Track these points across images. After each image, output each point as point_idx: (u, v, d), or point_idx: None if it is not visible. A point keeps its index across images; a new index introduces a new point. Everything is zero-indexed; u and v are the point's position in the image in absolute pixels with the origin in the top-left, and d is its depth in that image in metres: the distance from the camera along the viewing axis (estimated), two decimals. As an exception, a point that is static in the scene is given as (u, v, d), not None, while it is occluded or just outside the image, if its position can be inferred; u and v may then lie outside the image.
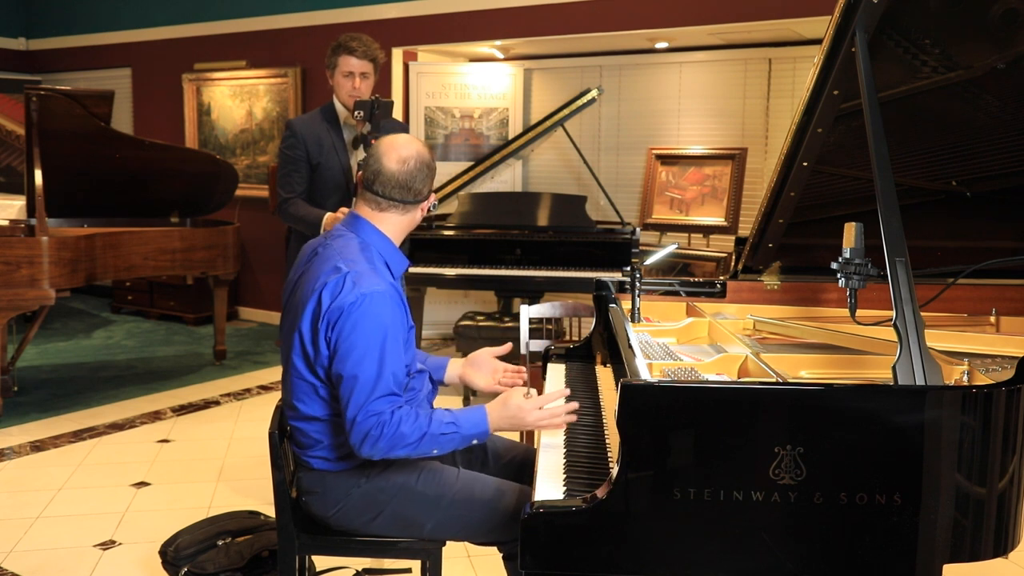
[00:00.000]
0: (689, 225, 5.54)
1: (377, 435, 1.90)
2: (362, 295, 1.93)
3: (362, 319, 1.92)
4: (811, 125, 2.36)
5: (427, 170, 2.10)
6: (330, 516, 2.11)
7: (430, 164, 2.11)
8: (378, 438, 1.90)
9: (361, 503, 2.08)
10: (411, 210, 2.11)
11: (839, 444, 1.54)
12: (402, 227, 2.13)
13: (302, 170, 3.38)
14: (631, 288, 2.58)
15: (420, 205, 2.12)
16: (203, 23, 7.32)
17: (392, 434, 1.90)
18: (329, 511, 2.10)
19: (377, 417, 1.90)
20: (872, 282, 1.83)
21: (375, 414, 1.91)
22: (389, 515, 2.07)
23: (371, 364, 1.92)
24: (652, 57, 5.93)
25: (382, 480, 2.08)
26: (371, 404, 1.91)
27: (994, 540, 1.58)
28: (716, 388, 1.64)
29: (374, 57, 3.39)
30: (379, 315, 1.94)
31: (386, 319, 1.95)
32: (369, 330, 1.93)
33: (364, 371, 1.92)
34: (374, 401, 1.91)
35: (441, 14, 6.07)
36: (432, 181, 2.14)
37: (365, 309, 1.93)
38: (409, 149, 2.08)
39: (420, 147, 2.11)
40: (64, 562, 3.06)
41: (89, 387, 5.29)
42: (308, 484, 2.14)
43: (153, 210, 5.66)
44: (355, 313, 1.93)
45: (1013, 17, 2.06)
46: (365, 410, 1.91)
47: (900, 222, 1.77)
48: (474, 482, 2.11)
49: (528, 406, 1.97)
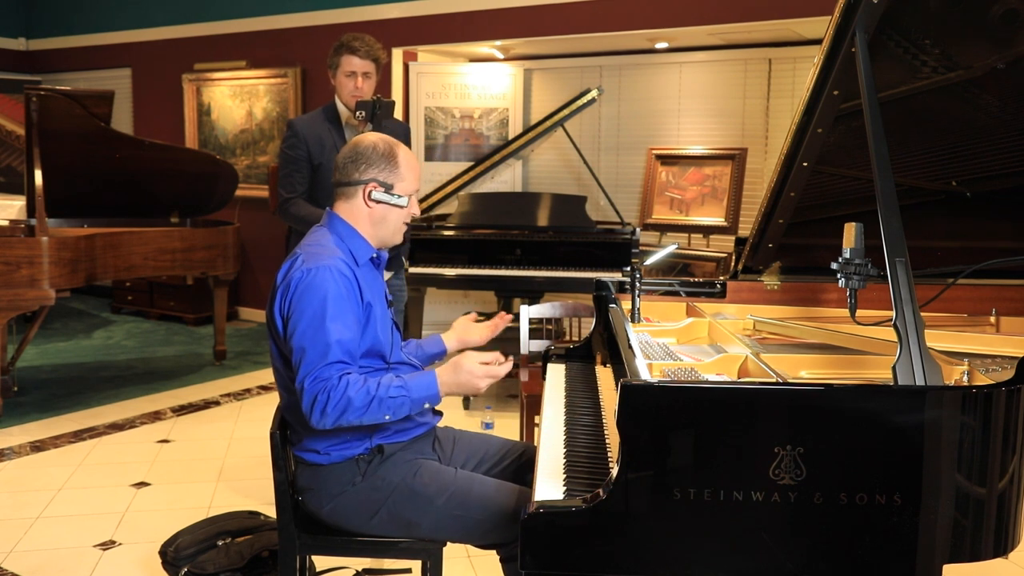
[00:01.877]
0: (689, 225, 5.54)
1: (324, 400, 1.92)
2: (307, 269, 2.02)
3: (307, 291, 2.00)
4: (811, 125, 2.36)
5: (356, 154, 2.13)
6: (324, 512, 2.11)
7: (363, 150, 2.13)
8: (325, 403, 1.92)
9: (357, 501, 2.09)
10: (350, 195, 2.14)
11: (839, 444, 1.54)
12: (355, 215, 2.15)
13: (303, 170, 3.38)
14: (631, 288, 2.58)
15: (355, 188, 2.12)
16: (203, 23, 7.32)
17: (339, 398, 1.92)
18: (324, 506, 2.10)
19: (324, 383, 1.93)
20: (872, 282, 1.83)
21: (322, 380, 1.94)
22: (386, 515, 2.08)
23: (315, 332, 1.97)
24: (652, 57, 5.93)
25: (378, 479, 2.08)
26: (318, 371, 1.95)
27: (994, 540, 1.58)
28: (716, 388, 1.64)
29: (376, 57, 3.40)
30: (322, 286, 1.99)
31: (329, 290, 1.99)
32: (313, 300, 1.99)
33: (309, 339, 1.97)
34: (321, 368, 1.95)
35: (441, 14, 6.07)
36: (375, 168, 2.12)
37: (309, 281, 2.00)
38: (354, 138, 2.18)
39: (364, 136, 2.17)
40: (64, 562, 3.06)
41: (89, 387, 5.29)
42: (303, 481, 2.15)
43: (153, 210, 5.66)
44: (300, 286, 2.01)
45: (1013, 17, 2.06)
46: (312, 376, 1.94)
47: (900, 222, 1.77)
48: (472, 482, 2.11)
49: (479, 372, 2.00)
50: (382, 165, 2.13)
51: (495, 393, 5.31)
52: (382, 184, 2.13)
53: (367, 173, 2.12)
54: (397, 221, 2.18)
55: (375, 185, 2.13)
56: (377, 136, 2.17)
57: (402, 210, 2.17)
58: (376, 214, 2.15)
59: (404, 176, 2.15)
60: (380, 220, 2.16)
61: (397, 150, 2.15)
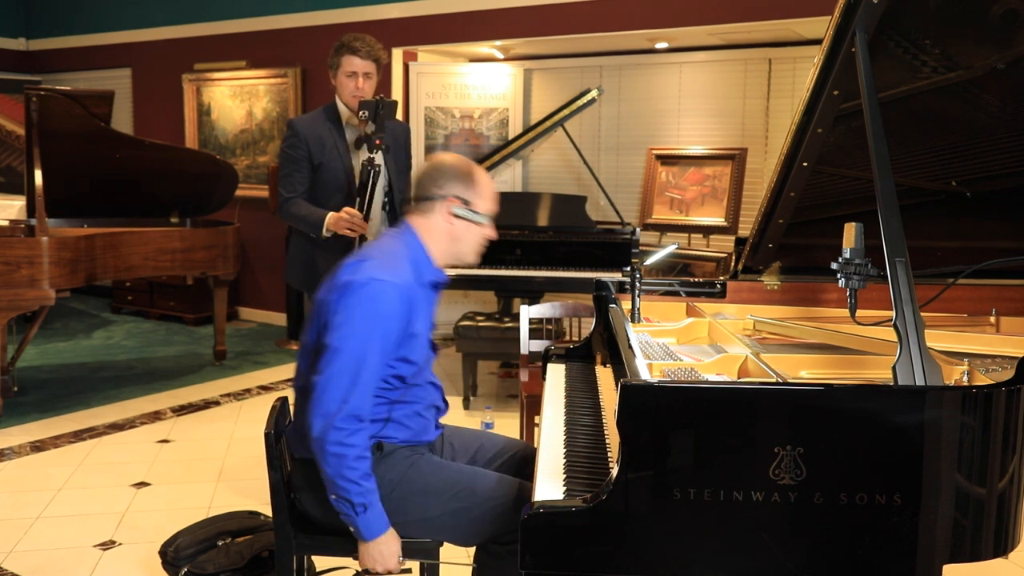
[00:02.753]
0: (689, 225, 5.54)
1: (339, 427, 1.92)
2: (371, 278, 1.99)
3: (363, 299, 1.97)
4: (811, 125, 2.36)
5: (435, 171, 2.13)
6: (321, 512, 2.09)
7: (443, 167, 2.13)
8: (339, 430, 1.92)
9: None
10: (428, 210, 2.12)
11: (839, 444, 1.54)
12: (431, 231, 2.13)
13: (303, 170, 3.37)
14: (631, 288, 2.58)
15: (433, 203, 2.11)
16: (203, 23, 7.32)
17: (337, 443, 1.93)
18: (321, 507, 2.08)
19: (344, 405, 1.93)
20: (872, 282, 1.83)
21: (347, 402, 1.94)
22: (388, 512, 2.06)
23: (357, 343, 1.96)
24: (652, 57, 5.93)
25: (377, 476, 2.06)
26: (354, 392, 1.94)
27: (994, 540, 1.58)
28: (716, 388, 1.64)
29: (377, 57, 3.40)
30: (380, 301, 1.98)
31: (384, 309, 1.98)
32: (366, 310, 1.97)
33: (348, 347, 1.96)
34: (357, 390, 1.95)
35: (441, 14, 6.07)
36: (455, 184, 2.11)
37: (370, 290, 1.98)
38: (432, 156, 2.22)
39: (443, 155, 2.20)
40: (64, 562, 3.06)
41: (89, 387, 5.29)
42: (301, 480, 2.14)
43: (153, 210, 5.66)
44: (359, 292, 1.98)
45: (1013, 17, 2.06)
46: (343, 391, 1.94)
47: (900, 222, 1.77)
48: (475, 475, 2.12)
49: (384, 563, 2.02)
50: (463, 182, 2.13)
51: (495, 393, 5.31)
52: (462, 200, 2.12)
53: (447, 188, 2.12)
54: (475, 240, 2.17)
55: (455, 200, 2.12)
56: (456, 157, 2.19)
57: (480, 229, 2.16)
58: (456, 230, 2.14)
59: (483, 195, 2.15)
60: (459, 237, 2.15)
61: (475, 170, 2.17)
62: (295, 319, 6.58)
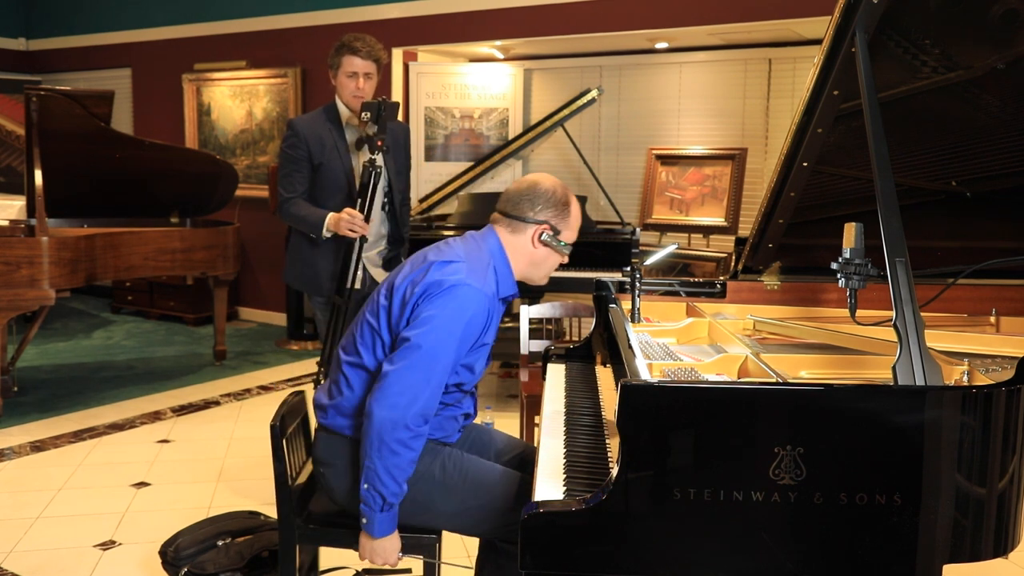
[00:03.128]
0: (689, 225, 5.54)
1: (407, 426, 1.93)
2: (464, 283, 2.00)
3: (452, 301, 1.99)
4: (811, 125, 2.36)
5: (534, 194, 2.13)
6: (343, 490, 2.11)
7: (543, 192, 2.13)
8: (406, 429, 1.93)
9: None
10: (517, 228, 2.14)
11: (839, 444, 1.54)
12: (516, 248, 2.15)
13: (304, 170, 3.37)
14: (631, 288, 2.58)
15: (525, 225, 2.12)
16: (203, 23, 7.32)
17: (400, 442, 1.94)
18: (345, 484, 2.10)
19: (415, 405, 1.94)
20: (872, 282, 1.83)
21: (420, 402, 1.95)
22: (408, 500, 2.06)
23: (437, 343, 1.96)
24: (652, 57, 5.93)
25: None
26: (425, 388, 1.95)
27: (994, 540, 1.58)
28: (716, 388, 1.64)
29: (378, 58, 3.40)
30: (467, 307, 1.99)
31: (469, 315, 2.00)
32: (453, 313, 1.98)
33: (428, 345, 1.96)
34: (427, 388, 1.96)
35: (441, 14, 6.07)
36: (550, 211, 2.12)
37: (460, 294, 1.99)
38: (532, 176, 2.18)
39: (544, 177, 2.18)
40: (64, 562, 3.06)
41: (89, 387, 5.29)
42: (326, 454, 2.14)
43: (153, 210, 5.66)
44: (449, 294, 1.99)
45: (1013, 17, 2.06)
46: (418, 388, 1.95)
47: (900, 222, 1.77)
48: (495, 470, 2.15)
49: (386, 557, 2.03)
50: (557, 210, 2.14)
51: (495, 393, 5.31)
52: (553, 228, 2.14)
53: (542, 214, 2.13)
54: (552, 266, 2.20)
55: (547, 228, 2.13)
56: (556, 181, 2.19)
57: (559, 258, 2.18)
58: (538, 256, 2.16)
59: (572, 226, 2.17)
60: (540, 262, 2.17)
61: (570, 198, 2.17)
62: (295, 319, 6.58)
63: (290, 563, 2.18)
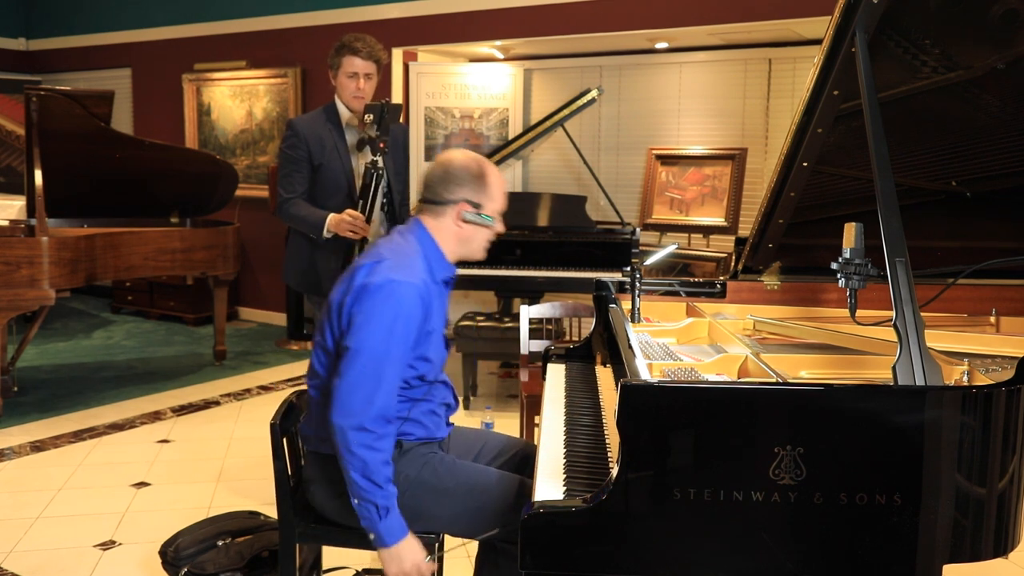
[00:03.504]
0: (689, 225, 5.54)
1: (366, 428, 1.94)
2: (389, 280, 2.00)
3: (381, 300, 1.98)
4: (811, 125, 2.36)
5: (446, 173, 2.11)
6: (334, 505, 2.11)
7: (455, 170, 2.11)
8: (366, 432, 1.94)
9: None
10: (439, 212, 2.13)
11: (839, 444, 1.54)
12: (442, 232, 2.14)
13: (303, 170, 3.37)
14: (631, 288, 2.58)
15: (444, 207, 2.11)
16: (203, 23, 7.32)
17: (378, 449, 1.94)
18: (335, 499, 2.10)
19: (370, 407, 1.95)
20: (872, 282, 1.83)
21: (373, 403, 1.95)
22: (402, 508, 2.06)
23: (377, 344, 1.97)
24: (652, 57, 5.93)
25: (394, 473, 2.07)
26: (376, 390, 1.95)
27: (994, 540, 1.58)
28: (716, 388, 1.64)
29: (378, 58, 3.39)
30: (398, 302, 1.99)
31: (403, 309, 2.00)
32: (384, 311, 1.98)
33: (368, 348, 1.97)
34: (379, 389, 1.96)
35: (441, 14, 6.07)
36: (466, 188, 2.10)
37: (388, 291, 1.99)
38: (444, 155, 2.16)
39: (455, 154, 2.15)
40: (64, 562, 3.06)
41: (89, 387, 5.29)
42: (315, 471, 2.14)
43: (153, 210, 5.66)
44: (378, 294, 1.99)
45: (1013, 17, 2.06)
46: (367, 390, 1.95)
47: (900, 222, 1.77)
48: (488, 473, 2.14)
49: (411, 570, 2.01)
50: (473, 185, 2.11)
51: (495, 393, 5.31)
52: (472, 204, 2.12)
53: (457, 193, 2.11)
54: (483, 240, 2.18)
55: (466, 205, 2.12)
56: (467, 155, 2.16)
57: (489, 229, 2.17)
58: (464, 234, 2.15)
59: (494, 196, 2.15)
60: (467, 239, 2.16)
61: (487, 169, 2.15)
62: (295, 319, 6.58)
63: (290, 563, 2.18)
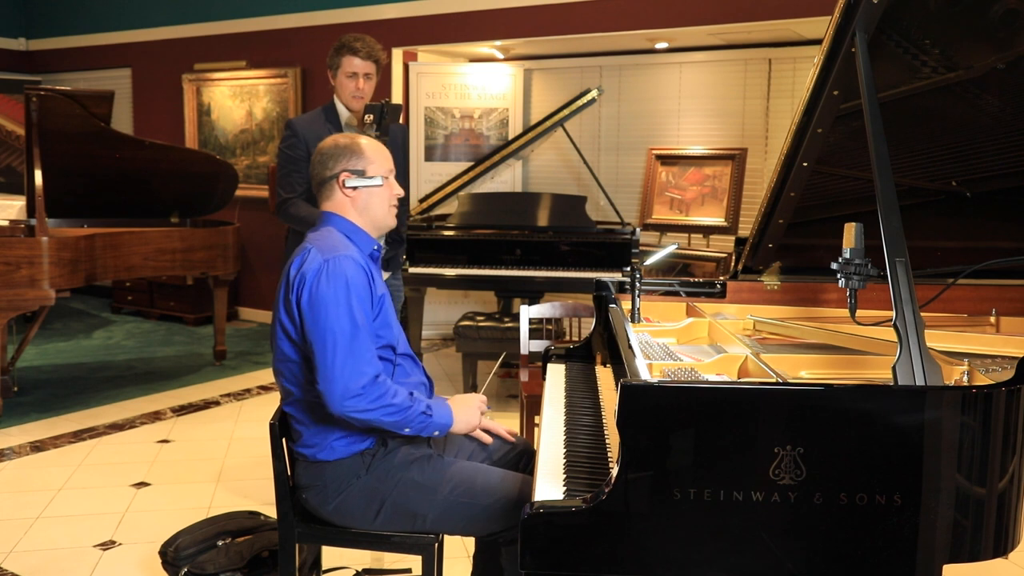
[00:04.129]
0: (689, 225, 5.54)
1: (359, 394, 1.98)
2: (324, 260, 2.05)
3: (327, 279, 2.03)
4: (811, 125, 2.36)
5: (321, 155, 2.22)
6: (329, 510, 2.12)
7: (327, 148, 2.22)
8: (360, 397, 1.98)
9: (361, 496, 2.09)
10: (329, 193, 2.21)
11: (839, 444, 1.54)
12: (343, 208, 2.21)
13: (302, 170, 3.37)
14: (631, 288, 2.58)
15: (331, 185, 2.20)
16: (203, 23, 7.32)
17: (378, 396, 2.00)
18: (328, 504, 2.11)
19: (360, 376, 1.98)
20: (872, 282, 1.83)
21: (359, 373, 1.99)
22: (391, 508, 2.08)
23: (341, 319, 2.01)
24: (652, 57, 5.93)
25: (382, 472, 2.10)
26: (355, 362, 1.99)
27: (994, 540, 1.58)
28: (716, 388, 1.64)
29: (377, 58, 3.39)
30: (342, 273, 2.04)
31: (350, 277, 2.04)
32: (335, 288, 2.03)
33: (335, 327, 2.00)
34: (357, 359, 1.99)
35: (441, 14, 6.07)
36: (341, 160, 2.19)
37: (328, 269, 2.04)
38: (318, 145, 2.26)
39: (326, 139, 2.26)
40: (64, 562, 3.06)
41: (89, 387, 5.29)
42: (305, 478, 2.15)
43: (153, 210, 5.66)
44: (320, 275, 2.04)
45: (1013, 17, 2.06)
46: (349, 367, 1.98)
47: (900, 222, 1.77)
48: (476, 471, 2.14)
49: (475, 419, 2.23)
50: (347, 155, 2.20)
51: (495, 393, 5.31)
52: (353, 172, 2.19)
53: (336, 167, 2.20)
54: (382, 203, 2.24)
55: (347, 174, 2.19)
56: (333, 136, 2.26)
57: (383, 190, 2.22)
58: (359, 201, 2.21)
59: (372, 159, 2.22)
60: (365, 206, 2.22)
61: (359, 139, 2.23)
62: (295, 319, 6.57)
63: (290, 563, 2.18)
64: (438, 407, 2.13)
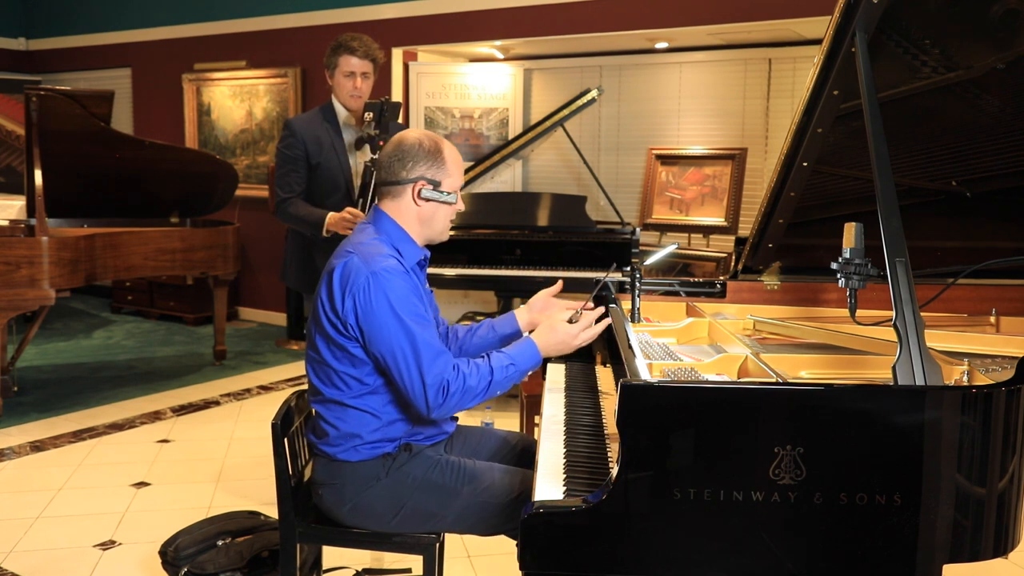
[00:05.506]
0: (689, 225, 5.54)
1: (445, 396, 1.98)
2: (372, 274, 1.99)
3: (376, 296, 1.97)
4: (811, 125, 2.36)
5: (401, 152, 2.09)
6: (345, 510, 2.10)
7: (409, 148, 2.09)
8: (448, 395, 1.98)
9: (381, 499, 2.08)
10: (397, 194, 2.11)
11: (839, 444, 1.54)
12: (402, 213, 2.12)
13: (301, 170, 3.37)
14: (631, 288, 2.58)
15: (403, 187, 2.10)
16: (203, 23, 7.32)
17: (461, 389, 1.98)
18: (345, 504, 2.10)
19: (441, 378, 1.97)
20: (872, 282, 1.83)
21: (438, 376, 1.97)
22: (410, 509, 2.07)
23: (400, 332, 1.97)
24: (652, 57, 5.93)
25: (402, 474, 2.09)
26: (430, 369, 1.97)
27: (994, 540, 1.58)
28: (716, 388, 1.64)
29: (374, 57, 3.39)
30: (391, 288, 1.98)
31: (399, 290, 1.99)
32: (387, 303, 1.97)
33: (397, 342, 1.97)
34: (431, 365, 1.97)
35: (441, 14, 6.07)
36: (422, 165, 2.09)
37: (376, 286, 1.98)
38: (397, 136, 2.15)
39: (408, 133, 2.14)
40: (64, 562, 3.06)
41: (89, 387, 5.29)
42: (324, 475, 2.13)
43: (153, 210, 5.66)
44: (368, 293, 1.98)
45: (1013, 17, 2.06)
46: (428, 376, 1.97)
47: (900, 222, 1.77)
48: (492, 470, 2.14)
49: (573, 331, 2.13)
50: (429, 162, 2.10)
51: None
52: (430, 181, 2.10)
53: (415, 171, 2.09)
54: (445, 219, 2.17)
55: (424, 183, 2.10)
56: (420, 132, 2.14)
57: (450, 207, 2.15)
58: (425, 213, 2.13)
59: (451, 172, 2.13)
60: (429, 218, 2.14)
61: (442, 146, 2.13)
62: (295, 319, 6.58)
63: (290, 563, 2.18)
64: (520, 354, 2.08)
